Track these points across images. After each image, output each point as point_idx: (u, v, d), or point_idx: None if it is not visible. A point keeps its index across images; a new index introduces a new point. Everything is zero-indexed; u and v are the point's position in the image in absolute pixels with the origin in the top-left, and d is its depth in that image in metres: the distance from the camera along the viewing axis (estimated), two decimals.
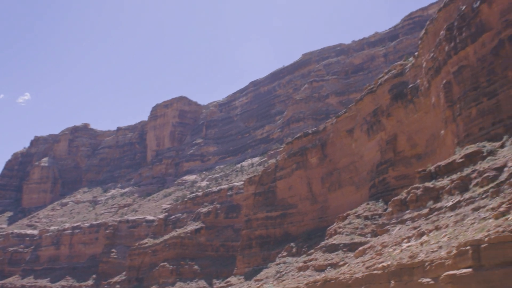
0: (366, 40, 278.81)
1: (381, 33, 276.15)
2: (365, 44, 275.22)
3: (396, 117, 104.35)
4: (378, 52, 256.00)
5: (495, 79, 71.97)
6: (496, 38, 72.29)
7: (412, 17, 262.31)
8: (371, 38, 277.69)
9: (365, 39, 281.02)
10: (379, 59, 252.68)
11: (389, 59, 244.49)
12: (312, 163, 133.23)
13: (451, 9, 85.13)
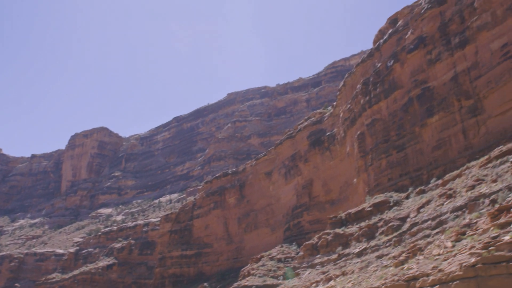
0: (290, 84, 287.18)
1: (305, 79, 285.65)
2: (289, 88, 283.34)
3: (313, 163, 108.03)
4: (301, 97, 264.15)
5: (404, 133, 76.82)
6: (407, 96, 77.52)
7: (335, 66, 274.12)
8: (295, 83, 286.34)
9: (289, 83, 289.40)
10: (301, 103, 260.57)
11: (311, 104, 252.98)
12: (230, 203, 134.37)
13: (368, 65, 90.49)
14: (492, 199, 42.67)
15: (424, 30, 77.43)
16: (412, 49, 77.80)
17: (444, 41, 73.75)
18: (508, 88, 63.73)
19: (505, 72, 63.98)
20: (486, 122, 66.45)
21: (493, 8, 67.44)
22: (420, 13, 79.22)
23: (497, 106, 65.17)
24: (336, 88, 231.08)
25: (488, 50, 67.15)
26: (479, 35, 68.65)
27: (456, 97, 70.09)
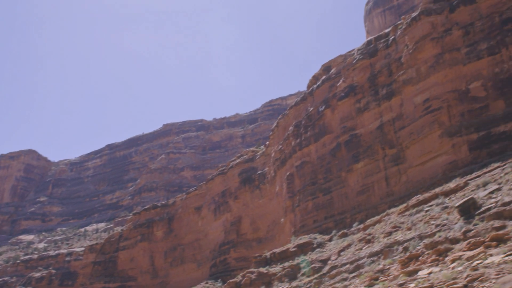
0: (227, 119, 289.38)
1: (242, 115, 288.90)
2: (225, 123, 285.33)
3: (242, 200, 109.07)
4: (237, 133, 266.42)
5: (330, 177, 79.41)
6: (335, 141, 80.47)
7: (272, 104, 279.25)
8: (232, 118, 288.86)
9: (226, 118, 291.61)
10: (236, 139, 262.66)
11: (246, 141, 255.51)
12: (158, 237, 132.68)
13: (301, 108, 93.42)
14: (405, 247, 44.91)
15: (355, 80, 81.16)
16: (343, 96, 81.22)
17: (372, 92, 77.54)
18: (428, 141, 67.67)
19: (426, 125, 67.99)
20: (407, 171, 69.96)
21: (418, 64, 71.92)
22: (352, 63, 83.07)
23: (418, 156, 68.93)
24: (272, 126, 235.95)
25: (412, 103, 71.22)
26: (404, 89, 72.79)
27: (381, 145, 73.55)
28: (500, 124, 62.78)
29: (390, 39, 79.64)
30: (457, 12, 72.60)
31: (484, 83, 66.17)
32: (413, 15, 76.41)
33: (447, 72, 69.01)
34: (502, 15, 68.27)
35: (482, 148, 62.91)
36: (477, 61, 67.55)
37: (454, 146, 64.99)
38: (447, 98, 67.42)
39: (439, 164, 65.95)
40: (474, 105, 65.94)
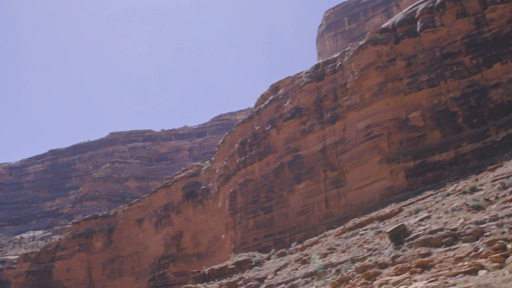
0: (175, 131, 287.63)
1: (190, 128, 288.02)
2: (173, 135, 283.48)
3: (185, 214, 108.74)
4: (184, 145, 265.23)
5: (272, 196, 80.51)
6: (279, 161, 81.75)
7: (221, 118, 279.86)
8: (180, 131, 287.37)
9: (174, 130, 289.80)
10: (184, 152, 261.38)
11: (193, 154, 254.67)
12: (96, 248, 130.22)
13: (247, 126, 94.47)
14: (338, 269, 46.17)
15: (301, 102, 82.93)
16: (289, 117, 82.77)
17: (317, 115, 79.41)
18: (367, 166, 69.82)
19: (366, 150, 70.18)
20: (346, 194, 71.82)
21: (362, 91, 74.31)
22: (300, 85, 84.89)
23: (357, 180, 70.96)
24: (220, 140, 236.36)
25: (354, 129, 73.39)
26: (348, 114, 74.97)
27: (323, 168, 75.28)
28: (436, 153, 65.61)
29: (337, 65, 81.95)
30: (402, 43, 75.64)
31: (423, 113, 69.07)
32: (360, 43, 78.96)
33: (389, 100, 71.61)
34: (443, 50, 71.63)
35: (417, 175, 65.48)
36: (417, 91, 70.48)
37: (392, 172, 67.31)
38: (387, 126, 69.87)
39: (377, 189, 68.09)
40: (413, 133, 68.64)
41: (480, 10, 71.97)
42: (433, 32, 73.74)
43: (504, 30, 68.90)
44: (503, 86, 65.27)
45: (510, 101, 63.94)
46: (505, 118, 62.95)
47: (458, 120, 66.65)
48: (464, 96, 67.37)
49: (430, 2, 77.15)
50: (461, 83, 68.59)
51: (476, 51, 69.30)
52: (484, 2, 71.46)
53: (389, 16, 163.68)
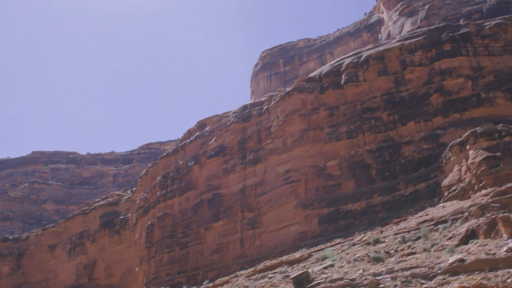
0: (101, 156, 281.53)
1: (117, 154, 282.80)
2: (99, 160, 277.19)
3: (100, 244, 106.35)
4: (109, 171, 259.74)
5: (189, 232, 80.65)
6: (199, 197, 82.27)
7: (150, 147, 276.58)
8: (107, 156, 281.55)
9: (101, 154, 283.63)
10: (108, 177, 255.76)
11: (117, 181, 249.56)
12: (3, 272, 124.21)
13: (171, 160, 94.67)
14: None
15: (226, 141, 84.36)
16: (213, 155, 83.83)
17: (241, 155, 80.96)
18: (284, 209, 71.61)
19: (284, 194, 72.09)
20: (261, 236, 73.06)
21: (285, 136, 76.68)
22: (226, 124, 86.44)
23: (273, 223, 72.48)
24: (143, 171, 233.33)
25: (274, 172, 75.31)
26: (270, 157, 76.95)
27: (241, 208, 76.45)
28: (349, 202, 68.36)
29: (264, 108, 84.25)
30: (326, 94, 79.08)
31: (340, 163, 72.03)
32: (287, 90, 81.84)
33: (309, 147, 74.27)
34: (363, 104, 75.47)
35: (330, 222, 67.83)
36: (336, 141, 73.59)
37: (306, 217, 69.37)
38: (306, 172, 72.26)
39: (291, 233, 69.80)
40: (329, 182, 71.31)
41: (400, 70, 76.70)
42: (356, 86, 77.63)
43: (420, 91, 73.62)
44: (415, 143, 69.34)
45: (420, 158, 67.90)
46: (414, 174, 66.73)
47: (372, 172, 69.98)
48: (379, 149, 70.94)
49: (356, 58, 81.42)
50: (377, 137, 72.27)
51: (394, 108, 73.49)
52: (404, 63, 76.25)
53: (322, 63, 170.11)
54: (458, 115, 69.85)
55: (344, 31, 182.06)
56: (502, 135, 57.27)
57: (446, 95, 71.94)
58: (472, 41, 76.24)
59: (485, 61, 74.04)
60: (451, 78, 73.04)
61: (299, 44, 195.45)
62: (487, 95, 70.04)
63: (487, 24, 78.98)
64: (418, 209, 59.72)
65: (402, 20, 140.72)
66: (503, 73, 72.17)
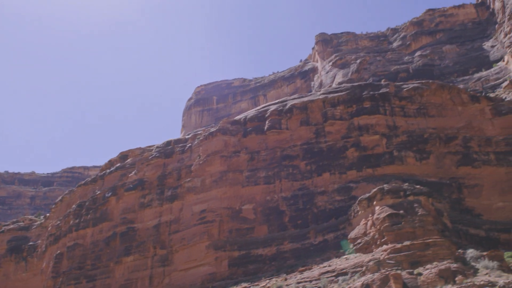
0: (21, 175, 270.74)
1: (38, 175, 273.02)
2: (17, 179, 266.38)
3: (4, 270, 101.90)
4: (27, 192, 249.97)
5: (99, 265, 78.92)
6: (113, 229, 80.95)
7: (73, 171, 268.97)
8: (26, 176, 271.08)
9: (20, 174, 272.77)
10: (25, 199, 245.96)
11: (35, 203, 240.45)
12: None
13: (89, 189, 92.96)
14: None
15: (146, 175, 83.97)
16: (131, 188, 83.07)
17: (159, 190, 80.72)
18: (196, 249, 71.69)
19: (197, 234, 72.31)
20: (171, 274, 72.58)
21: (205, 176, 77.36)
22: (148, 158, 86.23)
23: (184, 262, 72.29)
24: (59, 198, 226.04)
25: (190, 211, 75.56)
26: (187, 195, 77.23)
27: (153, 244, 75.85)
28: (260, 247, 69.41)
29: (187, 146, 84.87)
30: (249, 138, 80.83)
31: (255, 207, 73.39)
32: (212, 130, 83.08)
33: (227, 189, 75.24)
34: (283, 151, 77.65)
35: (240, 266, 68.48)
36: (254, 186, 75.09)
37: (217, 259, 69.67)
38: (221, 213, 72.95)
39: (201, 273, 69.79)
40: (243, 225, 72.33)
41: (321, 122, 79.74)
42: (278, 133, 79.89)
43: (337, 144, 76.65)
44: (328, 194, 71.83)
45: (332, 209, 70.32)
46: (324, 224, 68.95)
47: (285, 218, 71.67)
48: (294, 197, 72.92)
49: (281, 106, 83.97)
50: (293, 185, 74.34)
51: (311, 158, 76.04)
52: (326, 115, 79.38)
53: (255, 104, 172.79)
54: (371, 171, 73.13)
55: (279, 75, 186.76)
56: (407, 194, 60.48)
57: (362, 150, 75.28)
58: (390, 101, 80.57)
59: (400, 121, 78.27)
60: (368, 134, 76.62)
61: (234, 83, 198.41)
62: (399, 153, 73.85)
63: (405, 86, 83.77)
64: (324, 259, 61.53)
65: (335, 71, 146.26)
66: (415, 134, 76.48)
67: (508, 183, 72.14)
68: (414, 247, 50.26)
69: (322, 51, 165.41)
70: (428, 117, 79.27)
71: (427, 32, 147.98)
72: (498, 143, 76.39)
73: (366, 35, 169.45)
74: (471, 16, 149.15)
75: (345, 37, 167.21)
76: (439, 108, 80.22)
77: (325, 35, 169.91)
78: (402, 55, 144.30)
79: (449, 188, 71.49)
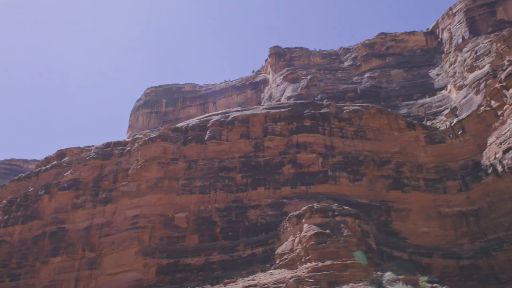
0: None
1: None
2: None
3: None
4: None
5: (24, 264, 77.18)
6: (42, 228, 79.42)
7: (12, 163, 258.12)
8: None
9: None
10: None
11: None
12: None
13: (22, 185, 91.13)
14: None
15: (82, 175, 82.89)
16: (65, 187, 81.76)
17: (93, 192, 79.79)
18: (125, 254, 71.16)
19: (127, 239, 71.82)
20: (98, 278, 71.70)
21: (141, 181, 77.11)
22: (85, 158, 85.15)
23: (112, 266, 71.55)
24: None
25: (123, 215, 75.00)
26: (121, 199, 76.67)
27: (83, 246, 74.80)
28: (189, 256, 69.71)
29: (126, 149, 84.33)
30: (188, 146, 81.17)
31: (188, 216, 73.66)
32: (152, 136, 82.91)
33: (162, 196, 75.23)
34: (221, 163, 78.34)
35: (167, 274, 68.52)
36: (189, 194, 75.41)
37: (145, 265, 69.40)
38: (153, 220, 72.81)
39: (128, 279, 69.26)
40: (174, 233, 72.42)
41: (261, 136, 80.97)
42: (218, 144, 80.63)
43: (275, 159, 77.93)
44: (261, 208, 72.89)
45: (263, 223, 71.38)
46: (254, 237, 69.90)
47: (216, 230, 72.24)
48: (228, 209, 73.64)
49: (224, 117, 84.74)
50: (228, 196, 75.08)
51: (248, 172, 77.05)
52: (266, 130, 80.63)
53: (204, 111, 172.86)
54: (304, 188, 74.71)
55: (230, 84, 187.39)
56: (335, 214, 62.20)
57: (298, 168, 76.84)
58: (330, 121, 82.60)
59: (338, 142, 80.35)
60: (305, 152, 78.32)
61: (185, 87, 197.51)
62: (333, 173, 75.73)
63: (346, 108, 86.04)
64: (250, 272, 62.44)
65: (285, 85, 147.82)
66: (351, 156, 78.64)
67: (434, 210, 75.05)
68: (333, 267, 51.83)
69: (274, 63, 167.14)
70: (365, 140, 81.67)
71: (378, 55, 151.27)
72: (428, 170, 79.41)
73: (319, 52, 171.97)
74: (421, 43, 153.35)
75: (298, 52, 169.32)
76: (376, 132, 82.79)
77: (279, 48, 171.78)
78: (351, 75, 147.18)
79: (378, 211, 73.73)
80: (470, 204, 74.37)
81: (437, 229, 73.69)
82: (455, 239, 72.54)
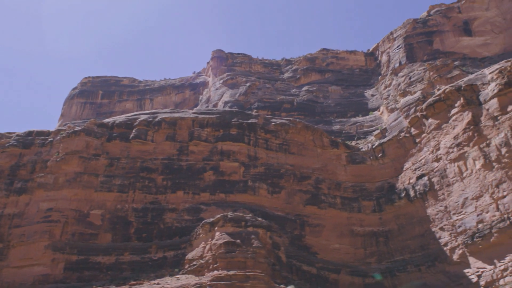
0: None
1: None
2: None
3: None
4: None
5: None
6: None
7: None
8: None
9: None
10: None
11: None
12: None
13: None
14: None
15: None
16: None
17: (8, 181, 77.56)
18: (34, 247, 69.55)
19: (38, 232, 70.28)
20: (2, 270, 69.57)
21: (59, 174, 75.81)
22: (4, 145, 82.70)
23: (19, 259, 69.61)
24: None
25: (36, 207, 73.33)
26: (37, 191, 74.96)
27: None
28: (100, 254, 69.05)
29: (48, 140, 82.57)
30: (112, 143, 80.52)
31: (103, 214, 72.99)
32: (76, 129, 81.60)
33: (79, 191, 74.18)
34: (144, 163, 78.22)
35: (75, 270, 67.55)
36: (107, 192, 74.78)
37: (54, 260, 68.12)
38: (67, 215, 71.66)
39: (34, 273, 67.69)
40: (87, 230, 71.56)
41: (187, 141, 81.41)
42: (142, 144, 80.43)
43: (197, 165, 78.53)
44: (178, 212, 73.27)
45: (179, 227, 71.77)
46: (168, 241, 70.14)
47: (130, 230, 71.97)
48: (144, 210, 73.54)
49: (151, 117, 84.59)
50: (146, 197, 75.02)
51: (169, 174, 77.25)
52: (192, 135, 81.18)
53: (141, 107, 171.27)
54: (223, 196, 75.67)
55: (170, 82, 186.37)
56: (248, 224, 63.30)
57: (219, 175, 77.73)
58: (256, 132, 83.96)
59: (262, 153, 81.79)
60: (228, 160, 79.33)
61: (124, 81, 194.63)
62: (253, 184, 77.08)
63: (274, 121, 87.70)
64: (158, 275, 62.61)
65: (224, 90, 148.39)
66: (273, 168, 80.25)
67: (347, 227, 77.67)
68: (236, 277, 52.88)
69: (216, 67, 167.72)
70: (289, 154, 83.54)
71: (318, 70, 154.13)
72: (346, 189, 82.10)
73: (261, 61, 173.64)
74: (360, 63, 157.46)
75: (240, 58, 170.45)
76: (300, 147, 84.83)
77: (222, 52, 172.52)
78: (290, 87, 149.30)
79: (293, 224, 75.57)
80: (381, 225, 77.48)
81: (348, 247, 76.28)
82: (364, 258, 75.36)
